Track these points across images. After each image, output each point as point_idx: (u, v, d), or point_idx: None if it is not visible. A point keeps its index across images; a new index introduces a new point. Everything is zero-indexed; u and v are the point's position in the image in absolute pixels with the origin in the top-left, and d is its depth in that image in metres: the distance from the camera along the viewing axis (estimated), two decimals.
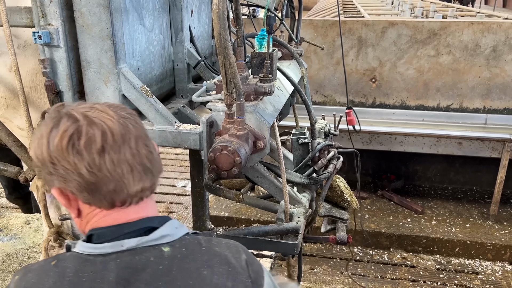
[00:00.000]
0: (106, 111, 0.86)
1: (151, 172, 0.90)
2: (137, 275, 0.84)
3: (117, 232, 0.87)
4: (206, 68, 1.88)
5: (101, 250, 0.85)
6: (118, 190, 0.85)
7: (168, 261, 0.87)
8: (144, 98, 1.36)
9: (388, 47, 4.21)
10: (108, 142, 0.83)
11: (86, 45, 1.33)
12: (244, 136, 1.26)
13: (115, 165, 0.83)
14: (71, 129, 0.82)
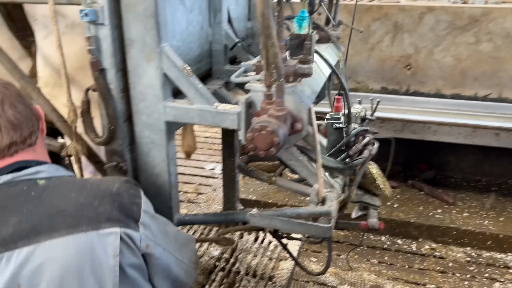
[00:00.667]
0: None
1: (20, 128, 1.15)
2: (12, 201, 1.09)
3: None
4: (242, 50, 1.88)
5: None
6: None
7: (40, 190, 1.11)
8: (185, 77, 1.38)
9: (425, 34, 4.09)
10: None
11: (130, 24, 1.36)
12: (283, 117, 1.26)
13: None
14: None
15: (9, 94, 1.16)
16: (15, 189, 1.11)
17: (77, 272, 1.05)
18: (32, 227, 1.05)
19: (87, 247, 1.06)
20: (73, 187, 1.14)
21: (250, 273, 2.50)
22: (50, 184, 1.13)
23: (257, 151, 1.28)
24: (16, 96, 1.18)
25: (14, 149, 1.14)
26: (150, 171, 1.55)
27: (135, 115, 1.48)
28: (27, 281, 1.03)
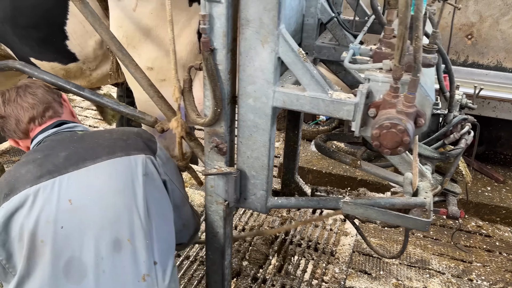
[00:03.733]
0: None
1: (37, 106, 1.56)
2: (59, 143, 1.47)
3: (43, 131, 1.56)
4: (338, 26, 1.77)
5: (38, 138, 1.53)
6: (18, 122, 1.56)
7: (80, 135, 1.52)
8: (301, 62, 1.31)
9: (493, 1, 3.83)
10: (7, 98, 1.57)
11: (248, 2, 1.27)
12: (413, 114, 1.19)
13: (12, 109, 1.55)
14: None
15: (33, 85, 1.61)
16: (61, 136, 1.50)
17: (116, 186, 1.38)
18: (79, 157, 1.40)
19: (123, 167, 1.41)
20: (104, 131, 1.56)
21: (311, 246, 2.53)
22: (87, 132, 1.55)
23: (382, 149, 1.22)
24: (37, 86, 1.61)
25: (38, 121, 1.55)
26: (249, 154, 1.52)
27: (241, 98, 1.42)
28: (76, 197, 1.33)
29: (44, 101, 1.57)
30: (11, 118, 1.54)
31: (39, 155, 1.41)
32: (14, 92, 1.56)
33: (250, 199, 1.61)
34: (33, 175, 1.34)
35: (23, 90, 1.56)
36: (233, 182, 1.52)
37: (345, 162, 1.91)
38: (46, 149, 1.45)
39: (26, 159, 1.42)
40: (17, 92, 1.56)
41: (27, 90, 1.57)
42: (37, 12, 1.78)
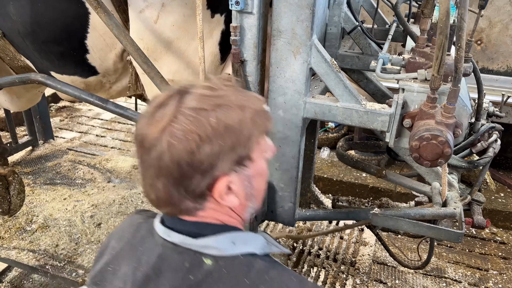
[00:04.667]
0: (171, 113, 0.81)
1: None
2: (169, 274, 0.84)
3: (175, 222, 0.88)
4: (362, 34, 1.76)
5: (157, 228, 0.90)
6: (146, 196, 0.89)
7: (201, 275, 0.82)
8: (334, 73, 1.29)
9: (502, 7, 3.82)
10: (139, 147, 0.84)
11: (281, 13, 1.25)
12: (452, 125, 1.17)
13: (144, 177, 0.85)
14: (166, 95, 0.86)
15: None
16: (178, 260, 0.85)
17: None
18: None
19: None
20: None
21: (330, 257, 2.49)
22: (214, 271, 0.83)
23: (422, 161, 1.20)
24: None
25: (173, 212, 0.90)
26: (277, 166, 1.49)
27: (271, 109, 1.40)
28: None
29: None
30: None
31: None
32: None
33: (277, 211, 1.58)
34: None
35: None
36: None
37: (370, 172, 1.89)
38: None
39: None
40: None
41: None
42: (58, 26, 1.76)
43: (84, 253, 2.35)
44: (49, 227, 2.53)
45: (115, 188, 2.92)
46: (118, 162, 3.20)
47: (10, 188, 2.23)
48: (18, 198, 2.28)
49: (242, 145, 0.81)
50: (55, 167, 3.14)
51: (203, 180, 0.80)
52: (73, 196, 2.81)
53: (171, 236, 0.86)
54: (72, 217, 2.60)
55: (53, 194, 2.82)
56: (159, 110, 0.80)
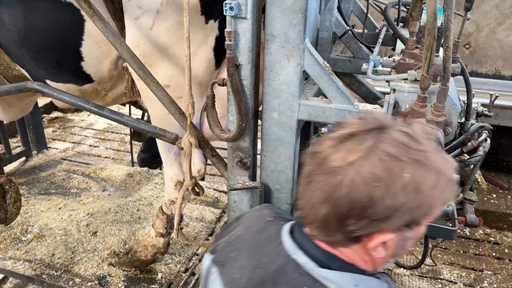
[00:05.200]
0: (391, 143, 0.77)
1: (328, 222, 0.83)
2: (285, 286, 0.85)
3: (305, 240, 0.89)
4: (353, 38, 1.80)
5: (285, 241, 0.92)
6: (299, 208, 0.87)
7: None
8: (327, 75, 1.32)
9: (489, 11, 3.91)
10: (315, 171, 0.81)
11: (274, 18, 1.28)
12: (442, 123, 1.21)
13: (307, 193, 0.83)
14: (354, 127, 0.82)
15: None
16: (297, 279, 0.86)
17: None
18: None
19: None
20: None
21: None
22: None
23: None
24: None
25: (318, 235, 0.88)
26: (273, 168, 1.52)
27: (266, 112, 1.43)
28: None
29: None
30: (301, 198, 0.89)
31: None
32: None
33: None
34: (239, 283, 0.94)
35: None
36: (258, 197, 1.51)
37: None
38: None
39: None
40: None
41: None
42: (53, 34, 1.78)
43: (81, 262, 2.35)
44: (45, 237, 2.52)
45: (110, 197, 2.92)
46: (112, 171, 3.20)
47: (6, 196, 2.23)
48: (14, 207, 2.28)
49: (423, 211, 0.77)
50: (49, 177, 3.13)
51: (368, 228, 0.77)
52: (68, 206, 2.80)
53: (297, 255, 0.87)
54: (67, 226, 2.59)
55: (48, 204, 2.82)
56: (352, 140, 0.78)
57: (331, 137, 0.81)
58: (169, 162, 2.10)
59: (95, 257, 2.38)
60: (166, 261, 2.42)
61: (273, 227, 0.96)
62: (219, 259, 1.00)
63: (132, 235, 2.55)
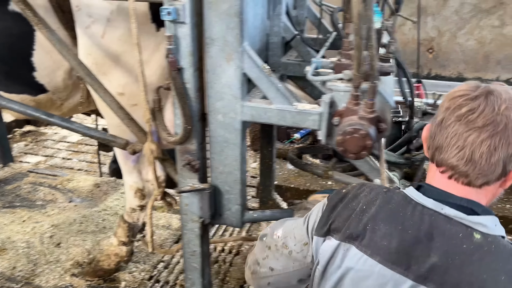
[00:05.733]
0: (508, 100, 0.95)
1: (476, 168, 0.94)
2: (441, 240, 0.95)
3: (443, 196, 0.99)
4: (301, 42, 1.85)
5: (424, 201, 0.99)
6: (438, 150, 0.98)
7: (473, 246, 0.93)
8: (266, 76, 1.36)
9: (449, 16, 4.05)
10: (471, 116, 0.93)
11: (212, 22, 1.32)
12: (374, 119, 1.25)
13: (455, 134, 0.94)
14: (471, 92, 0.96)
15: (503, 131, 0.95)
16: (450, 230, 0.95)
17: None
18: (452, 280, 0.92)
19: None
20: (504, 266, 0.92)
21: None
22: (484, 245, 0.93)
23: (347, 154, 1.27)
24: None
25: (456, 175, 0.97)
26: (221, 169, 1.54)
27: (211, 114, 1.46)
28: None
29: (485, 171, 0.95)
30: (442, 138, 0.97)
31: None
32: (486, 117, 0.93)
33: (225, 214, 1.62)
34: (388, 249, 0.98)
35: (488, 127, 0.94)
36: (207, 198, 1.54)
37: (317, 173, 1.96)
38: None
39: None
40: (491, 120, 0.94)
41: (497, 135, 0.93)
42: (2, 44, 1.78)
43: (42, 274, 2.32)
44: (7, 250, 2.48)
45: (76, 208, 2.90)
46: (79, 181, 3.18)
47: None
48: None
49: None
50: (14, 190, 3.10)
51: None
52: (32, 218, 2.77)
53: (444, 210, 0.97)
54: (30, 239, 2.56)
55: (11, 217, 2.78)
56: (488, 98, 0.93)
57: (464, 100, 0.94)
58: (128, 170, 2.10)
59: (57, 268, 2.36)
60: (131, 269, 2.41)
61: (395, 195, 1.04)
62: (350, 236, 1.02)
63: (97, 245, 2.54)
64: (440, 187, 0.99)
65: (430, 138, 1.01)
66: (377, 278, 0.98)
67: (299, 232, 1.13)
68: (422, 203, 0.99)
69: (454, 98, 0.97)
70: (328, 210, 1.08)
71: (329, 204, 1.09)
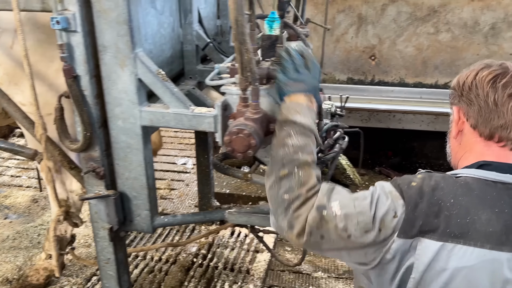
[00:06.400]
0: None
1: None
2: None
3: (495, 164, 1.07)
4: (214, 50, 1.90)
5: (503, 178, 1.05)
6: (502, 127, 1.08)
7: None
8: (160, 81, 1.39)
9: (388, 25, 4.21)
10: None
11: (102, 30, 1.35)
12: (259, 120, 1.30)
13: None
14: (499, 71, 1.11)
15: None
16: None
17: None
18: None
19: None
20: None
21: (228, 268, 2.55)
22: None
23: (235, 154, 1.31)
24: None
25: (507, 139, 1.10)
26: (127, 175, 1.56)
27: (111, 120, 1.48)
28: None
29: None
30: (503, 114, 1.09)
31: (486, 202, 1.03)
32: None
33: (135, 220, 1.63)
34: (496, 234, 1.00)
35: None
36: (113, 205, 1.55)
37: (238, 176, 2.00)
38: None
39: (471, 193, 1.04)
40: None
41: None
42: None
43: None
44: None
45: (12, 224, 2.84)
46: (17, 197, 3.12)
47: None
48: None
49: None
50: None
51: None
52: None
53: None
54: None
55: None
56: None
57: (506, 79, 1.09)
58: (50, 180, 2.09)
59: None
60: (62, 283, 2.38)
61: (470, 181, 1.06)
62: (450, 234, 1.00)
63: (29, 260, 2.49)
64: (498, 160, 1.08)
65: (481, 119, 1.10)
66: (491, 266, 0.99)
67: (363, 219, 1.06)
68: (502, 180, 1.05)
69: (493, 79, 1.10)
70: (411, 209, 1.04)
71: (409, 202, 1.04)
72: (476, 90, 1.12)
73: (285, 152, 1.19)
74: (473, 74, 1.15)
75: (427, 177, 1.08)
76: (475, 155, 1.12)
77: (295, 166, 1.16)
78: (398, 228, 1.03)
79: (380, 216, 1.05)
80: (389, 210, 1.05)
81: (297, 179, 1.15)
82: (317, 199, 1.11)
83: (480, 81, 1.12)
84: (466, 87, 1.15)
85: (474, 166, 1.10)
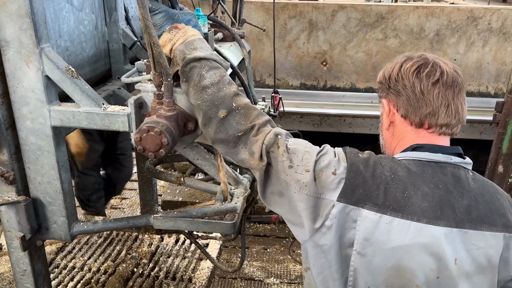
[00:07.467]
0: (447, 62, 1.18)
1: (458, 118, 1.16)
2: (462, 183, 1.11)
3: (444, 150, 1.15)
4: (142, 49, 1.83)
5: (435, 157, 1.13)
6: (430, 114, 1.14)
7: (472, 181, 1.14)
8: (69, 79, 1.32)
9: (338, 31, 4.27)
10: (442, 80, 1.13)
11: (3, 23, 1.26)
12: (173, 117, 1.25)
13: (438, 97, 1.13)
14: (421, 62, 1.16)
15: (462, 86, 1.18)
16: (459, 174, 1.14)
17: None
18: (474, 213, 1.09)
19: None
20: (492, 188, 1.17)
21: (169, 276, 2.46)
22: (477, 178, 1.17)
23: (146, 153, 1.25)
24: (464, 89, 1.21)
25: (443, 131, 1.17)
26: (40, 180, 1.46)
27: (18, 121, 1.38)
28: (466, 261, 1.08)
29: (462, 119, 1.19)
30: (430, 102, 1.14)
31: (425, 182, 1.10)
32: (452, 77, 1.16)
33: (52, 228, 1.53)
34: (431, 208, 1.06)
35: (457, 84, 1.16)
36: (24, 212, 1.44)
37: (171, 180, 1.93)
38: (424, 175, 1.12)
39: (411, 174, 1.10)
40: (455, 79, 1.16)
41: (462, 90, 1.18)
42: None
43: None
44: None
45: None
46: None
47: None
48: None
49: None
50: None
51: None
52: None
53: (453, 159, 1.14)
54: None
55: None
56: (435, 63, 1.15)
57: (428, 69, 1.14)
58: None
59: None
60: None
61: (406, 162, 1.13)
62: (389, 207, 1.04)
63: None
64: (430, 143, 1.16)
65: (411, 108, 1.15)
66: (429, 240, 1.04)
67: (307, 157, 1.12)
68: (434, 159, 1.13)
69: (416, 70, 1.15)
70: (353, 174, 1.08)
71: (352, 168, 1.09)
72: (403, 81, 1.16)
73: (210, 94, 1.20)
74: (397, 66, 1.19)
75: (373, 154, 1.16)
76: (408, 142, 1.18)
77: (230, 102, 1.20)
78: (338, 190, 1.07)
79: (322, 165, 1.10)
80: (331, 164, 1.10)
81: (241, 112, 1.19)
82: (276, 128, 1.21)
83: (405, 72, 1.16)
84: (392, 79, 1.18)
85: (409, 149, 1.16)
